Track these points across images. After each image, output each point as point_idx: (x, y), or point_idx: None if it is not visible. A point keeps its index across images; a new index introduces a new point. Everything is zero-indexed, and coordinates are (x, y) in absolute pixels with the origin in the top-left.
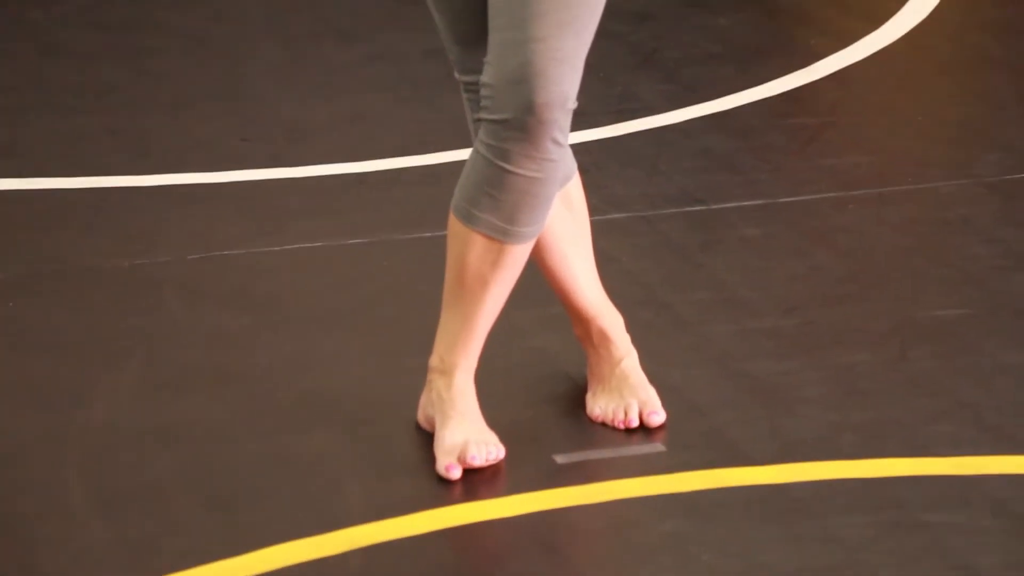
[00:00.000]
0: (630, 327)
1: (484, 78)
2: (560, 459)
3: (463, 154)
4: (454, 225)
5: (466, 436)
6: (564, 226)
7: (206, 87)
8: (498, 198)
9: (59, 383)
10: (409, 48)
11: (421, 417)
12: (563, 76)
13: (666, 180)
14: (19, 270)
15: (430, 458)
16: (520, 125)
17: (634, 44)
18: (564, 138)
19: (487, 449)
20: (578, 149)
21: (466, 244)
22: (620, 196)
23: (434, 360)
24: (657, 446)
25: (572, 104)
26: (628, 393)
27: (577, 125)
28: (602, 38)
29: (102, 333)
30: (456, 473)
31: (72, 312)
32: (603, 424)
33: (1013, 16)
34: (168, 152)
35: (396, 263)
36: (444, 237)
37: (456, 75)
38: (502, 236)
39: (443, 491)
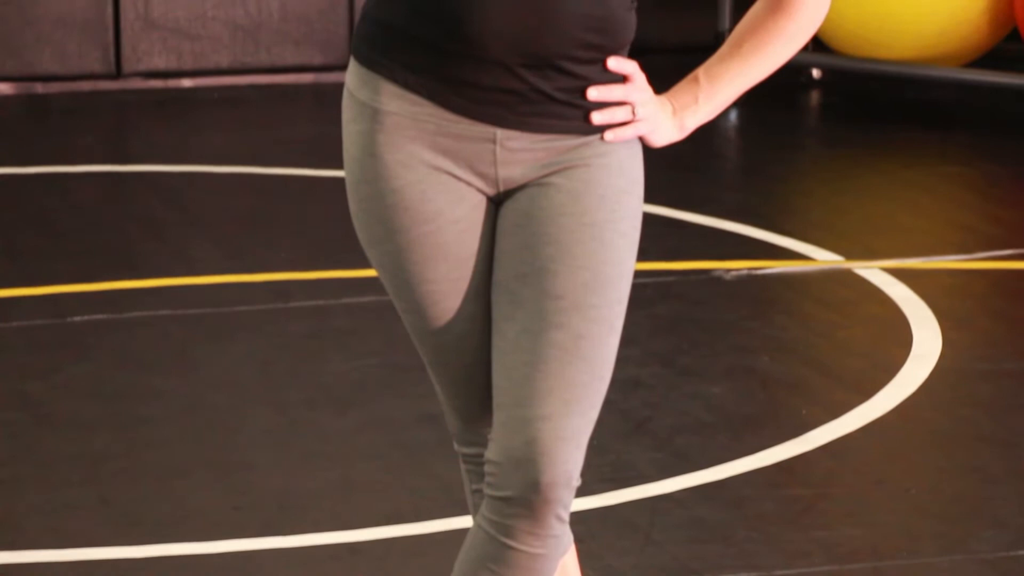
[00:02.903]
0: None
1: (488, 454)
2: None
3: (457, 522)
4: None
5: None
6: None
7: (200, 455)
8: (500, 573)
9: None
10: (403, 414)
11: None
12: (568, 455)
13: (659, 550)
14: None
15: None
16: (525, 503)
17: (626, 411)
18: (567, 514)
19: None
20: (572, 518)
21: None
22: (615, 568)
23: None
24: None
25: (576, 482)
26: None
27: None
28: None
29: None
30: None
31: None
32: None
33: (1003, 390)
34: (159, 523)
35: None
36: None
37: (456, 446)
38: None
39: None
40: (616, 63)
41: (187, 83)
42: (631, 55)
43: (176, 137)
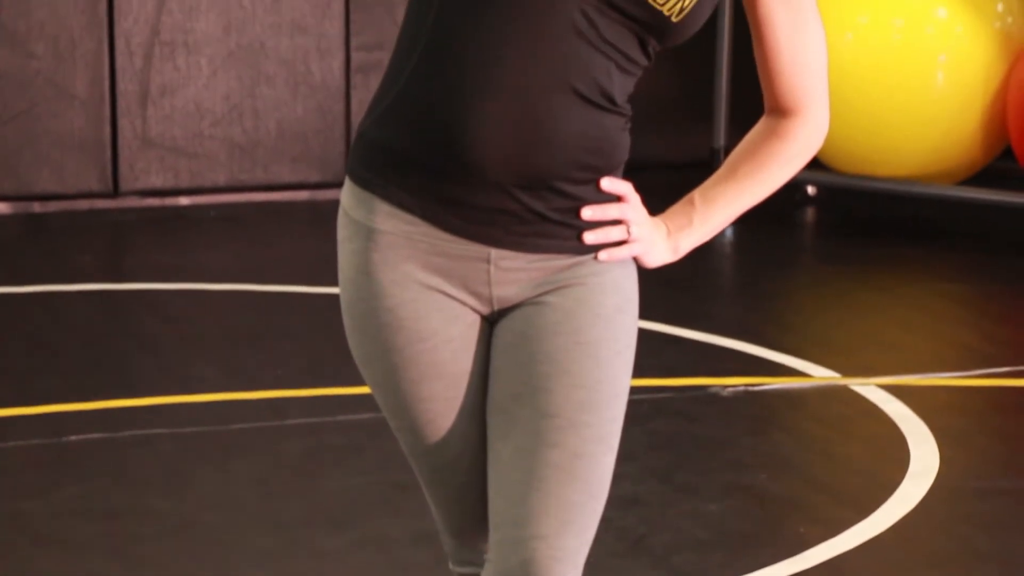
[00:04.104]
0: None
1: (485, 574)
2: None
3: None
4: None
5: None
6: None
7: (195, 575)
8: None
9: None
10: (399, 533)
11: None
12: (565, 575)
13: None
14: None
15: None
16: None
17: (623, 529)
18: None
19: None
20: None
21: None
22: None
23: None
24: None
25: None
26: None
27: None
28: None
29: None
30: None
31: None
32: None
33: (1001, 509)
34: None
35: None
36: None
37: (451, 566)
38: None
39: None
40: (610, 183)
41: (184, 201)
42: (626, 172)
43: (173, 255)
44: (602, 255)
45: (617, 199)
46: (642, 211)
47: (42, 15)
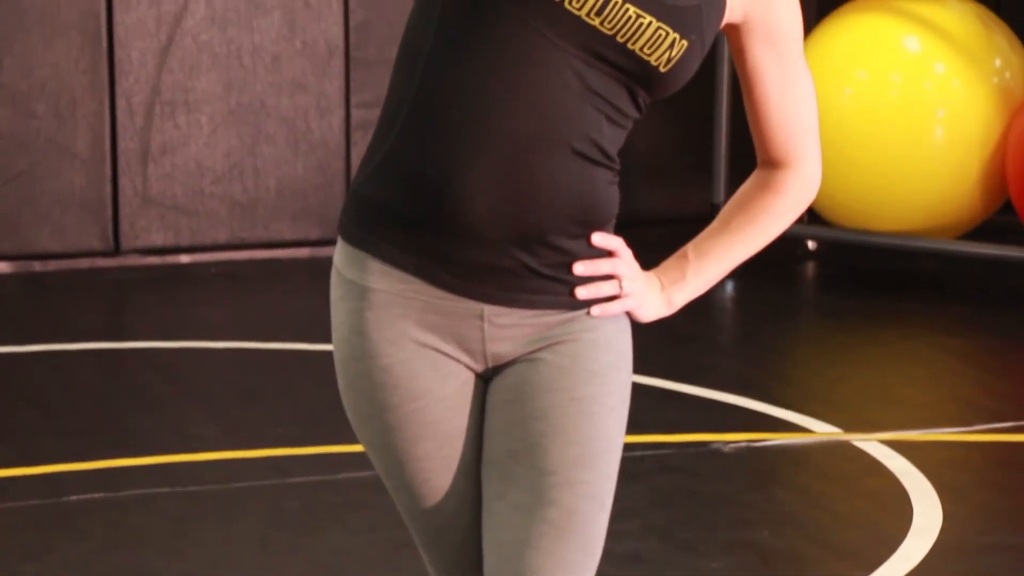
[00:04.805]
0: None
1: None
2: None
3: None
4: None
5: None
6: None
7: None
8: None
9: None
10: None
11: None
12: None
13: None
14: None
15: None
16: None
17: None
18: None
19: None
20: None
21: None
22: None
23: None
24: None
25: None
26: None
27: None
28: None
29: None
30: None
31: None
32: None
33: (1004, 565)
34: None
35: None
36: None
37: None
38: None
39: None
40: (601, 239)
41: (184, 259)
42: (627, 226)
43: (173, 313)
44: (595, 310)
45: (609, 254)
46: (634, 265)
47: (44, 75)
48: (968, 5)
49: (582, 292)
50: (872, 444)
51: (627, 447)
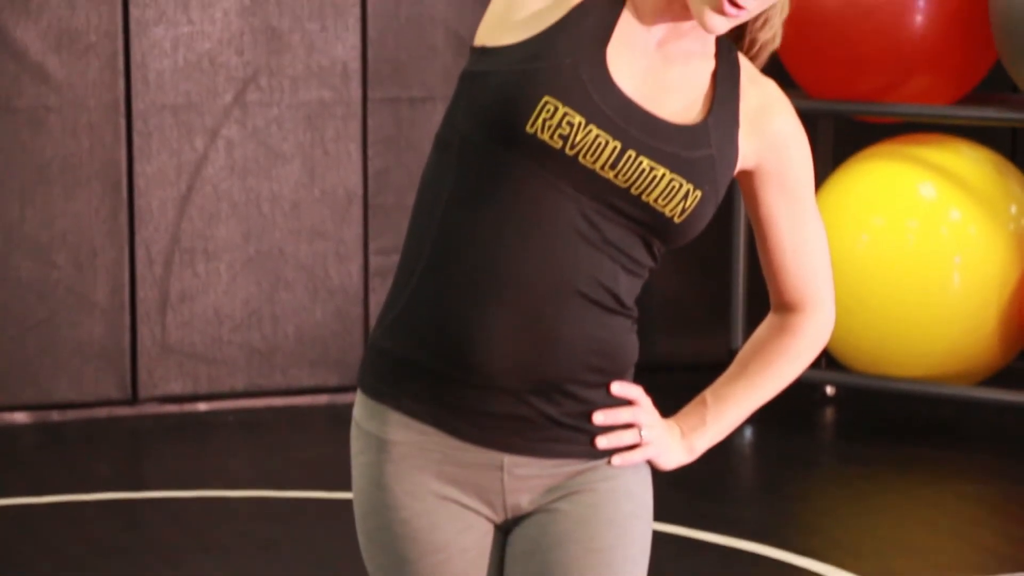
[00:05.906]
0: None
1: None
2: None
3: None
4: None
5: None
6: None
7: None
8: None
9: None
10: None
11: None
12: None
13: None
14: None
15: None
16: None
17: None
18: None
19: None
20: None
21: None
22: None
23: None
24: None
25: None
26: None
27: None
28: None
29: None
30: None
31: None
32: None
33: None
34: None
35: None
36: None
37: None
38: None
39: None
40: (620, 388)
41: (202, 407)
42: (644, 372)
43: (191, 462)
44: (615, 460)
45: (628, 403)
46: (654, 414)
47: (65, 225)
48: (983, 152)
49: (602, 442)
50: None
51: None
